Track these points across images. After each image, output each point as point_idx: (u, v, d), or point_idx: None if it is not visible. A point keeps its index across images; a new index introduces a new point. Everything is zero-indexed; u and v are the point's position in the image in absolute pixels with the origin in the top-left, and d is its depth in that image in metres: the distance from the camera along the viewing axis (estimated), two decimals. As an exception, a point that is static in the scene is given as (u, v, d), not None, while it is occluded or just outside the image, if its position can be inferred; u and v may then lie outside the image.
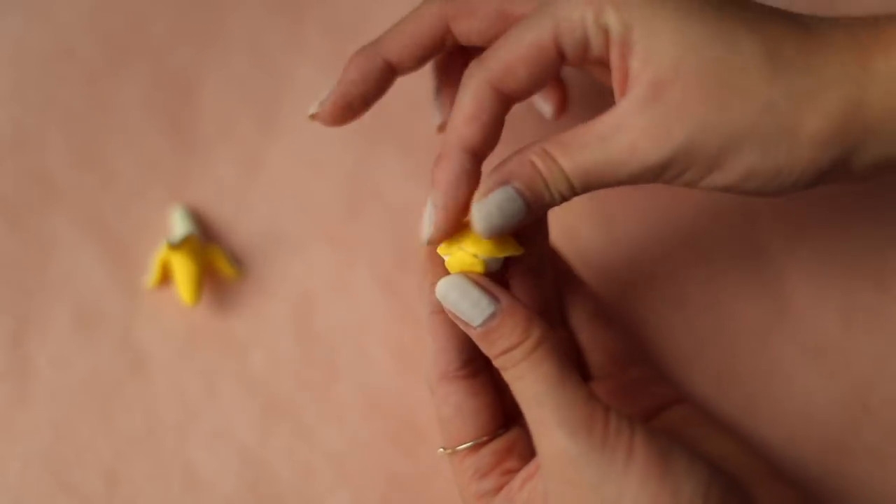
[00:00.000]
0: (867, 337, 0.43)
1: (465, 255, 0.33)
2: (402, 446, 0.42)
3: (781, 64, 0.31)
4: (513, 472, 0.34)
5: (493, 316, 0.32)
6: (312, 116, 0.37)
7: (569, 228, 0.45)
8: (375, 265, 0.45)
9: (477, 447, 0.34)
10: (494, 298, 0.32)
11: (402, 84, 0.38)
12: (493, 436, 0.34)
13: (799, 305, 0.44)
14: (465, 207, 0.33)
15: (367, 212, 0.45)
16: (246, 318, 0.44)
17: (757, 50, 0.31)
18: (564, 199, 0.32)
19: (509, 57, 0.33)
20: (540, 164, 0.32)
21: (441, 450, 0.35)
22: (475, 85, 0.33)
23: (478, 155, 0.33)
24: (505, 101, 0.33)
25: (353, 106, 0.36)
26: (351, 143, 0.46)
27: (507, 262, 0.35)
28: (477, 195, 0.32)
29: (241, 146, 0.46)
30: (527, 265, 0.35)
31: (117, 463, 0.41)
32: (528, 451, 0.35)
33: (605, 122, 0.32)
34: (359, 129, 0.47)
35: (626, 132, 0.31)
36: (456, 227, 0.33)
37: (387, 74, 0.36)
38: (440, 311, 0.34)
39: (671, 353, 0.43)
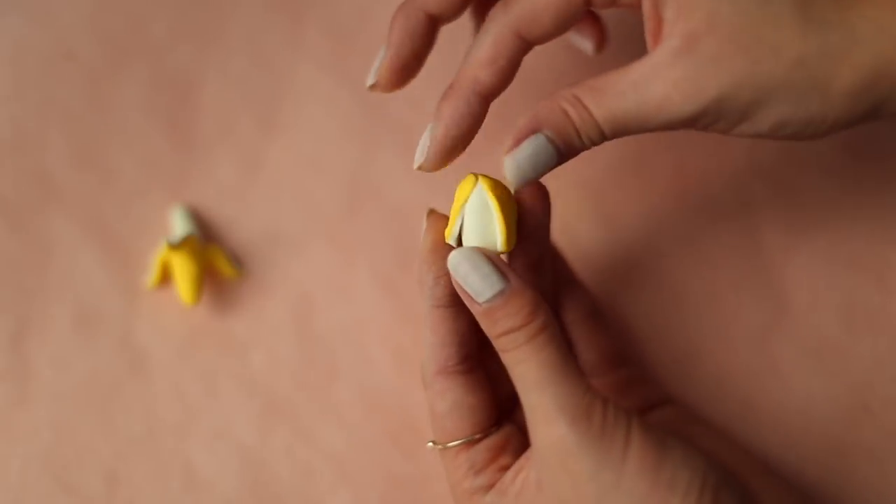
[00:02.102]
0: (867, 337, 0.43)
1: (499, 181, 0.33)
2: (402, 447, 0.42)
3: (815, 18, 0.31)
4: (507, 468, 0.34)
5: (500, 293, 0.32)
6: (372, 87, 0.36)
7: (569, 228, 0.45)
8: (375, 265, 0.45)
9: (470, 443, 0.34)
10: (504, 277, 0.32)
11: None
12: (486, 433, 0.34)
13: (799, 305, 0.44)
14: (462, 144, 0.33)
15: (367, 212, 0.45)
16: (246, 318, 0.44)
17: (790, 4, 0.31)
18: (594, 144, 0.33)
19: (535, 5, 0.33)
20: (571, 111, 0.32)
21: (430, 444, 0.35)
22: (497, 30, 0.33)
23: (487, 97, 0.33)
24: (525, 46, 0.33)
25: (408, 66, 0.36)
26: (351, 143, 0.46)
27: (509, 255, 0.35)
28: (508, 145, 0.32)
29: (241, 146, 0.46)
30: (527, 260, 0.35)
31: (117, 463, 0.41)
32: (521, 448, 0.35)
33: (639, 70, 0.32)
34: (359, 129, 0.47)
35: (659, 83, 0.31)
36: (447, 160, 0.34)
37: (431, 27, 0.36)
38: (442, 304, 0.34)
39: (671, 352, 0.43)
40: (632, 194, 0.45)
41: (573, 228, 0.45)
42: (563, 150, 0.32)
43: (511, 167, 0.32)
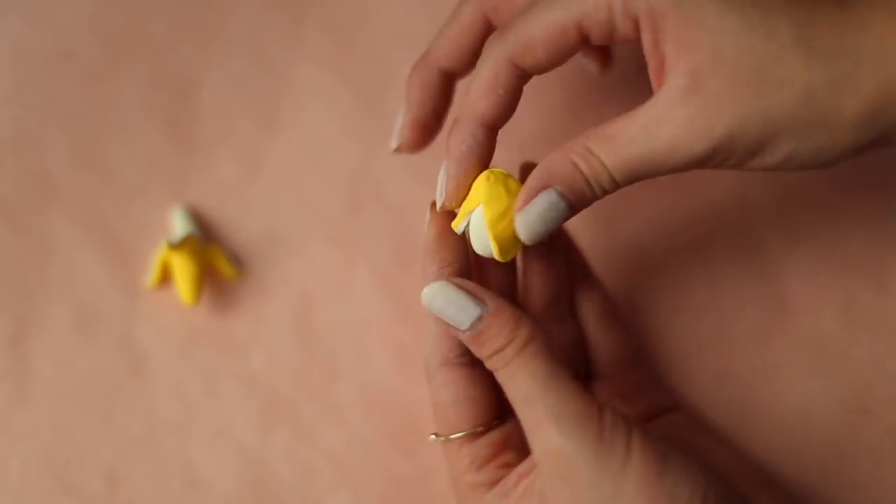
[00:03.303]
0: (867, 337, 0.43)
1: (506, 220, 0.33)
2: (402, 446, 0.42)
3: (817, 48, 0.31)
4: (510, 465, 0.34)
5: (480, 319, 0.32)
6: (397, 150, 0.38)
7: (569, 228, 0.45)
8: (375, 265, 0.45)
9: (473, 437, 0.34)
10: (480, 301, 0.32)
11: (402, 83, 0.38)
12: (488, 427, 0.34)
13: (799, 305, 0.44)
14: (475, 177, 0.34)
15: (367, 211, 0.45)
16: (246, 318, 0.44)
17: (792, 36, 0.31)
18: (606, 192, 0.33)
19: (529, 35, 0.33)
20: (582, 164, 0.32)
21: (433, 436, 0.35)
22: (493, 60, 0.33)
23: (492, 127, 0.33)
24: (523, 75, 0.33)
25: (428, 126, 0.37)
26: (351, 143, 0.46)
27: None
28: (519, 201, 0.32)
29: (241, 146, 0.46)
30: (539, 249, 0.35)
31: (117, 463, 0.41)
32: (524, 445, 0.34)
33: (647, 114, 0.32)
34: (359, 128, 0.47)
35: (667, 125, 0.31)
36: (465, 194, 0.34)
37: (447, 83, 0.37)
38: None
39: (671, 353, 0.43)
40: (632, 195, 0.45)
41: (572, 229, 0.45)
42: (575, 204, 0.32)
43: (523, 226, 0.32)
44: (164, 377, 0.43)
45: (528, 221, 0.32)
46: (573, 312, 0.39)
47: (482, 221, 0.33)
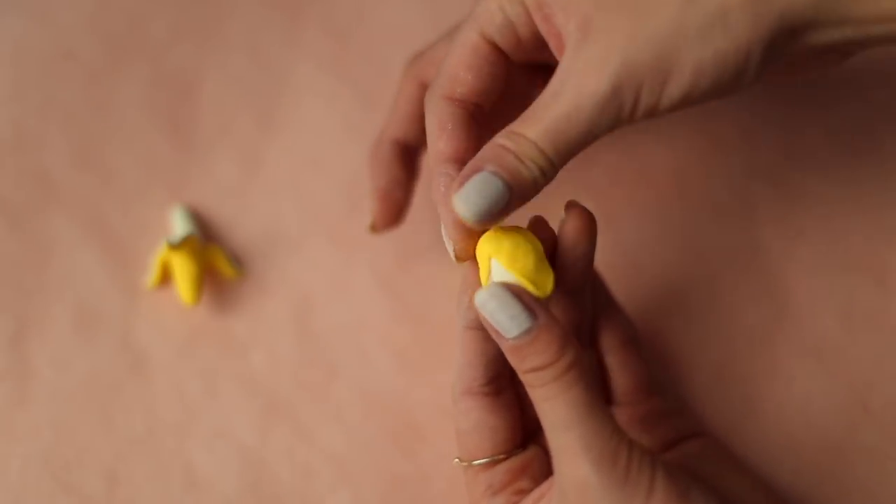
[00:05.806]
0: (867, 337, 0.43)
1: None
2: (402, 446, 0.42)
3: None
4: (525, 492, 0.34)
5: (528, 331, 0.31)
6: (372, 228, 0.41)
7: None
8: (375, 265, 0.45)
9: (492, 464, 0.34)
10: (532, 314, 0.32)
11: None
12: (509, 454, 0.35)
13: (799, 305, 0.44)
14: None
15: (367, 211, 0.45)
16: (246, 318, 0.44)
17: None
18: (545, 173, 0.32)
19: (449, 66, 0.34)
20: (507, 142, 0.32)
21: (456, 460, 0.35)
22: (432, 105, 0.34)
23: (460, 161, 0.33)
24: (468, 108, 0.34)
25: (393, 196, 0.40)
26: (351, 142, 0.46)
27: None
28: (454, 187, 0.32)
29: (240, 145, 0.46)
30: (567, 287, 0.35)
31: (117, 463, 0.41)
32: (541, 473, 0.35)
33: (554, 80, 0.32)
34: (358, 127, 0.47)
35: (571, 77, 0.31)
36: (469, 239, 0.33)
37: (403, 154, 0.39)
38: (474, 326, 0.34)
39: (671, 353, 0.43)
40: (632, 194, 0.45)
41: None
42: (512, 183, 0.31)
43: (460, 203, 0.31)
44: (164, 377, 0.43)
45: (465, 197, 0.31)
46: (591, 341, 0.39)
47: (502, 270, 0.33)
